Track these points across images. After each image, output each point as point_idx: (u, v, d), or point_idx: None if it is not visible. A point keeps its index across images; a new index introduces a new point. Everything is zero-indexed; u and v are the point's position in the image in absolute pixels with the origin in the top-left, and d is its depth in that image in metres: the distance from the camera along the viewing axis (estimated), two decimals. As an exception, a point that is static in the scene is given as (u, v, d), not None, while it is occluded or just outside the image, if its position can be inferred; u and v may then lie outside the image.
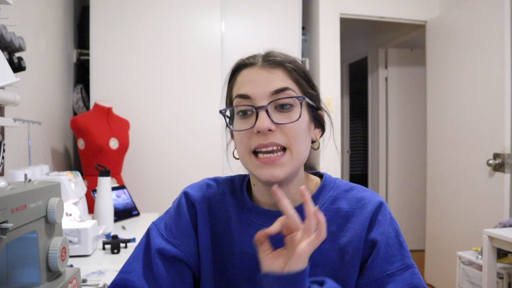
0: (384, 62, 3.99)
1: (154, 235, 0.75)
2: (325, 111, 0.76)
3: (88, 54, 2.55)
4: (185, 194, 0.77)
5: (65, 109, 2.48)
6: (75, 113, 2.63)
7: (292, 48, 2.71)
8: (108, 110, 2.31)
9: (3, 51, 1.25)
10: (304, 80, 0.71)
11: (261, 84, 0.68)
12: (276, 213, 0.71)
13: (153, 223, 0.78)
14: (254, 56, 0.72)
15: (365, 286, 0.68)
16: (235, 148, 0.74)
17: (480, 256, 2.03)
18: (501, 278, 1.91)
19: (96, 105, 2.30)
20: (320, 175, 0.78)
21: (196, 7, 2.62)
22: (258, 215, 0.73)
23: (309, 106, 0.71)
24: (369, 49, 4.16)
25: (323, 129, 0.76)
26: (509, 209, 2.31)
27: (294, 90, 0.69)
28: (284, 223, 0.61)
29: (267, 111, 0.66)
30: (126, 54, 2.53)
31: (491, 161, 2.38)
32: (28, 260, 0.69)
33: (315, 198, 0.73)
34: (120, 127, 2.35)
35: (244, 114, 0.69)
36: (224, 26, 2.65)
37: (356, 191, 0.74)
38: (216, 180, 0.80)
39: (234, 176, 0.81)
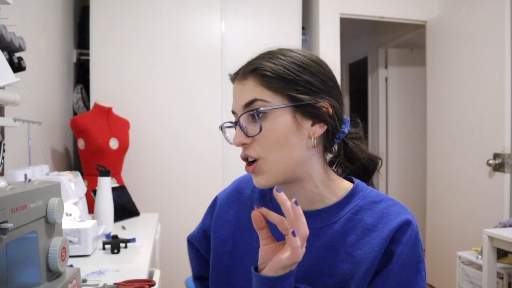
0: (384, 62, 3.99)
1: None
2: (329, 102, 0.68)
3: (88, 54, 2.55)
4: (215, 198, 0.88)
5: (65, 109, 2.48)
6: (75, 113, 2.63)
7: (292, 48, 2.71)
8: (108, 110, 2.31)
9: (3, 51, 1.25)
10: (284, 79, 0.66)
11: (237, 99, 0.71)
12: None
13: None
14: (239, 69, 0.72)
15: None
16: None
17: (480, 256, 2.02)
18: (501, 278, 1.91)
19: (96, 105, 2.30)
20: (353, 181, 0.75)
21: (196, 7, 2.62)
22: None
23: (297, 106, 0.66)
24: (369, 49, 4.16)
25: (326, 122, 0.68)
26: (509, 209, 2.31)
27: (265, 98, 0.67)
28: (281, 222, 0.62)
29: (240, 126, 0.69)
30: (126, 54, 2.53)
31: (491, 161, 2.38)
32: (28, 260, 0.69)
33: (341, 204, 0.71)
34: (120, 127, 2.35)
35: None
36: (224, 26, 2.65)
37: (385, 204, 0.70)
38: None
39: None
